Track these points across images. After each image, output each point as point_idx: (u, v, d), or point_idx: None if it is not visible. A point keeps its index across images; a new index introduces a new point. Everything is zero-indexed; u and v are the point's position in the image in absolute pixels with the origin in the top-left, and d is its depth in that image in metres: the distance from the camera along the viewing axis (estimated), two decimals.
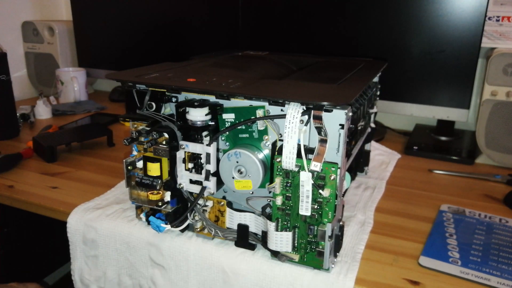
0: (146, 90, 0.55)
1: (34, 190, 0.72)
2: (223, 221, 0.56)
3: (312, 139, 0.49)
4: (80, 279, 0.65)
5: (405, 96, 0.98)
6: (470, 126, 1.08)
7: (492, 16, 0.96)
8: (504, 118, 0.86)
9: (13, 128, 1.00)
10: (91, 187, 0.73)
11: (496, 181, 0.81)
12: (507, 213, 0.68)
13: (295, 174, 0.49)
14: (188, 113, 0.52)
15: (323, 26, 1.01)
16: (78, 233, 0.63)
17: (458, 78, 0.92)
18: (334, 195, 0.48)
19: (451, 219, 0.66)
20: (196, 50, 1.17)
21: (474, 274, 0.52)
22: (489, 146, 0.88)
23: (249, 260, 0.54)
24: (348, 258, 0.54)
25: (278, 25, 1.05)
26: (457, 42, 0.90)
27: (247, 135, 0.53)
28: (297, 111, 0.47)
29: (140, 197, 0.58)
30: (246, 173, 0.51)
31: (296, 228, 0.51)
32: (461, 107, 0.93)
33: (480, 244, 0.59)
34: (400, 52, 0.96)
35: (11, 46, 1.35)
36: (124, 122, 0.57)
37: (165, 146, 0.53)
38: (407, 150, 0.95)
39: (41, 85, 1.42)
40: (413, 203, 0.71)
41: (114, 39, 1.32)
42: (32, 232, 1.12)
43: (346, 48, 1.01)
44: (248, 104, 0.51)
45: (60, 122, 1.10)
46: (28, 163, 0.84)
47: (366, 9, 0.96)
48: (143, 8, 1.24)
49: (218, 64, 0.72)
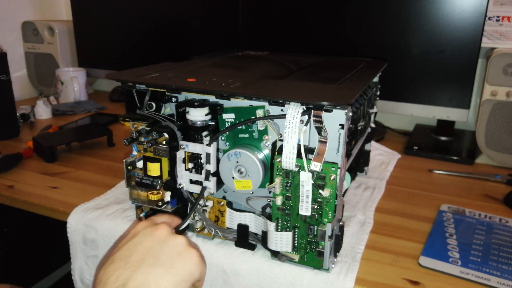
0: (146, 90, 0.55)
1: (34, 190, 0.72)
2: (223, 221, 0.56)
3: (312, 139, 0.49)
4: (80, 279, 0.65)
5: (405, 96, 0.98)
6: (470, 126, 1.08)
7: (492, 16, 0.96)
8: (504, 118, 0.86)
9: (13, 128, 1.00)
10: (91, 187, 0.73)
11: (496, 181, 0.81)
12: (507, 213, 0.68)
13: (295, 174, 0.49)
14: (188, 113, 0.52)
15: (323, 26, 1.01)
16: (78, 233, 0.63)
17: (458, 78, 0.92)
18: (334, 195, 0.48)
19: (451, 219, 0.66)
20: (196, 50, 1.17)
21: (474, 274, 0.52)
22: (489, 146, 0.88)
23: (249, 260, 0.54)
24: (348, 258, 0.54)
25: (278, 25, 1.05)
26: (457, 42, 0.90)
27: (247, 135, 0.53)
28: (297, 111, 0.47)
29: (140, 197, 0.58)
30: (246, 173, 0.51)
31: (296, 228, 0.51)
32: (461, 107, 0.93)
33: (480, 244, 0.59)
34: (400, 52, 0.96)
35: (11, 46, 1.35)
36: (124, 122, 0.57)
37: (165, 146, 0.53)
38: (407, 150, 0.95)
39: (41, 85, 1.42)
40: (413, 203, 0.71)
41: (114, 39, 1.32)
42: (32, 232, 1.12)
43: (346, 48, 1.01)
44: (248, 104, 0.51)
45: (60, 122, 1.10)
46: (28, 163, 0.84)
47: (366, 9, 0.96)
48: (143, 8, 1.24)
49: (218, 64, 0.72)
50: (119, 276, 0.42)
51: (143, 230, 0.47)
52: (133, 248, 0.44)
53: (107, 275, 0.42)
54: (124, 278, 0.41)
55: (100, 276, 0.43)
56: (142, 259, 0.43)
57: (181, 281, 0.43)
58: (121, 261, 0.43)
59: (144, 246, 0.45)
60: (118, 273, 0.42)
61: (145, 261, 0.43)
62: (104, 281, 0.42)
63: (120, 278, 0.41)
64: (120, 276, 0.41)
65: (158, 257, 0.44)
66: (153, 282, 0.42)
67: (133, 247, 0.45)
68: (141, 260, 0.43)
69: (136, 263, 0.43)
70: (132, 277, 0.41)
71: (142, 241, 0.45)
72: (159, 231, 0.46)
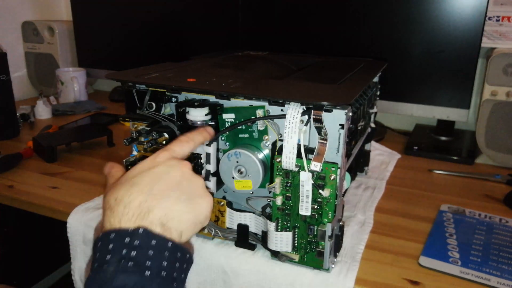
0: (146, 90, 0.55)
1: (34, 190, 0.72)
2: (223, 221, 0.56)
3: (312, 139, 0.49)
4: (80, 279, 0.65)
5: (405, 96, 0.98)
6: (470, 126, 1.08)
7: (492, 16, 0.96)
8: (504, 118, 0.86)
9: (13, 128, 1.00)
10: (91, 187, 0.73)
11: (496, 181, 0.81)
12: (507, 213, 0.68)
13: (295, 174, 0.49)
14: (188, 113, 0.52)
15: (323, 26, 1.01)
16: (78, 233, 0.63)
17: (458, 78, 0.92)
18: (334, 195, 0.48)
19: (451, 219, 0.66)
20: (196, 50, 1.17)
21: (474, 274, 0.52)
22: (489, 146, 0.88)
23: (249, 260, 0.54)
24: (348, 258, 0.54)
25: (278, 25, 1.05)
26: (457, 42, 0.90)
27: (247, 135, 0.53)
28: (297, 111, 0.47)
29: None
30: (246, 173, 0.51)
31: (296, 228, 0.51)
32: (461, 107, 0.93)
33: (480, 244, 0.59)
34: (400, 52, 0.96)
35: (11, 46, 1.35)
36: (124, 122, 0.57)
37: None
38: (407, 150, 0.95)
39: (41, 85, 1.42)
40: (413, 203, 0.71)
41: (114, 39, 1.32)
42: (32, 232, 1.12)
43: (346, 48, 1.01)
44: (248, 104, 0.51)
45: (60, 122, 1.10)
46: (28, 163, 0.84)
47: (366, 9, 0.96)
48: (143, 8, 1.24)
49: (218, 64, 0.72)
50: (142, 202, 0.40)
51: (167, 161, 0.44)
52: (157, 177, 0.42)
53: (129, 198, 0.41)
54: (148, 206, 0.40)
55: (120, 195, 0.41)
56: (168, 190, 0.42)
57: (197, 223, 0.43)
58: (145, 186, 0.41)
59: (171, 178, 0.43)
60: (141, 198, 0.41)
61: (171, 194, 0.42)
62: (125, 203, 0.40)
63: (144, 205, 0.40)
64: (144, 202, 0.40)
65: (184, 192, 0.43)
66: (176, 216, 0.41)
67: (157, 176, 0.43)
68: (168, 191, 0.42)
69: (162, 193, 0.41)
70: (156, 206, 0.41)
71: (168, 172, 0.43)
72: (186, 167, 0.45)
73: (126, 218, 0.39)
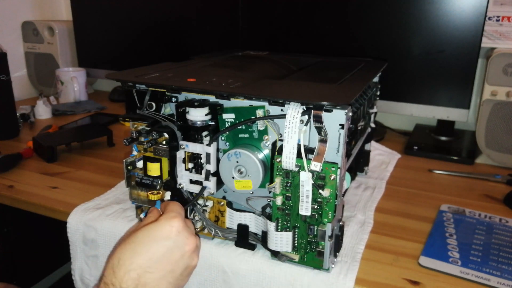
0: (146, 90, 0.55)
1: (34, 190, 0.72)
2: (223, 221, 0.56)
3: (312, 139, 0.49)
4: (81, 279, 0.65)
5: (405, 96, 0.98)
6: (470, 126, 1.08)
7: (492, 16, 0.96)
8: (504, 118, 0.86)
9: (13, 128, 1.00)
10: (91, 187, 0.73)
11: (496, 181, 0.81)
12: (507, 213, 0.68)
13: (295, 174, 0.49)
14: (188, 113, 0.52)
15: (323, 26, 1.01)
16: (78, 233, 0.63)
17: (458, 78, 0.92)
18: (334, 195, 0.48)
19: (451, 219, 0.66)
20: (196, 50, 1.17)
21: (474, 274, 0.52)
22: (489, 146, 0.88)
23: (249, 260, 0.54)
24: (348, 258, 0.54)
25: (279, 25, 1.05)
26: (457, 42, 0.90)
27: (247, 135, 0.53)
28: (297, 111, 0.47)
29: (140, 197, 0.58)
30: (246, 173, 0.51)
31: (296, 228, 0.51)
32: (461, 107, 0.93)
33: (480, 244, 0.59)
34: (400, 52, 0.96)
35: (11, 46, 1.35)
36: (124, 122, 0.57)
37: (165, 146, 0.53)
38: (407, 150, 0.95)
39: (41, 85, 1.42)
40: (413, 203, 0.71)
41: (114, 39, 1.32)
42: (32, 232, 1.12)
43: (346, 48, 1.01)
44: (248, 104, 0.51)
45: (60, 122, 1.10)
46: (28, 163, 0.84)
47: (366, 9, 0.96)
48: (143, 8, 1.24)
49: (218, 64, 0.72)
50: (141, 275, 0.46)
51: (178, 235, 0.48)
52: (161, 253, 0.47)
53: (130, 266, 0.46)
54: (145, 282, 0.46)
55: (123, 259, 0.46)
56: (165, 270, 0.47)
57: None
58: (148, 260, 0.46)
59: (172, 257, 0.48)
60: (140, 271, 0.46)
61: (167, 275, 0.47)
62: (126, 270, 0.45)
63: (141, 279, 0.46)
64: (142, 277, 0.46)
65: (176, 272, 0.48)
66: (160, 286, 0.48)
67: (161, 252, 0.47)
68: (163, 271, 0.47)
69: (159, 272, 0.47)
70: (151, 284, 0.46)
71: (172, 251, 0.48)
72: (189, 247, 0.49)
73: (124, 286, 0.45)
